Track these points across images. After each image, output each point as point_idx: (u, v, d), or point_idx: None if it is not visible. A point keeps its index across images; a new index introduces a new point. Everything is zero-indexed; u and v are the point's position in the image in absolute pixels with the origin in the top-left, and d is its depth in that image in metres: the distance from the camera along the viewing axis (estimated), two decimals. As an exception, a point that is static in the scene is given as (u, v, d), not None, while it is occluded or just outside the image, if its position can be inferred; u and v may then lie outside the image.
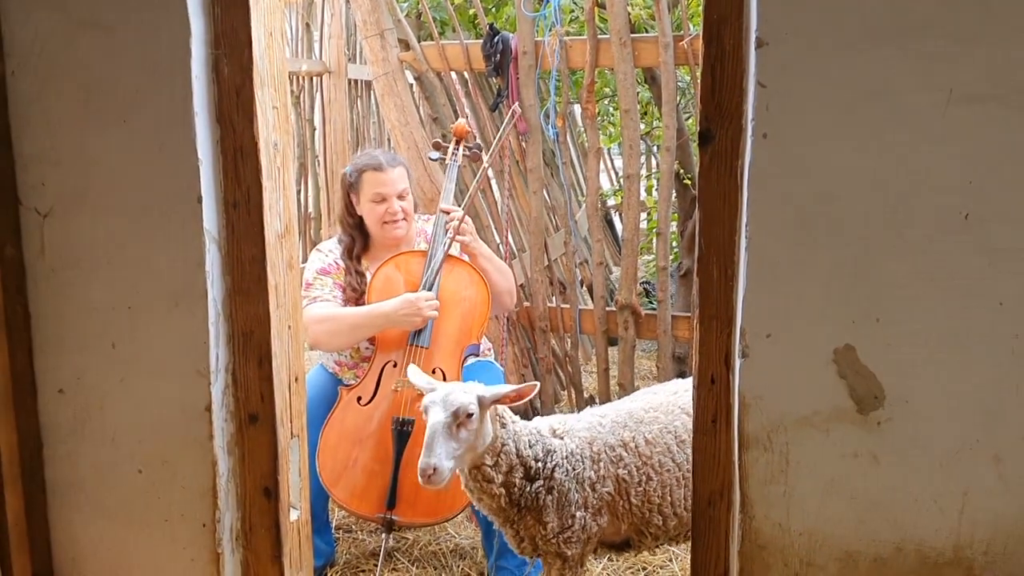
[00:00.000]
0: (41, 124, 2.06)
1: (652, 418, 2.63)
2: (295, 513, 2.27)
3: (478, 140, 3.84)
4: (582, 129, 5.70)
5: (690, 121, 4.90)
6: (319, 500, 3.02)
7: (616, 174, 7.28)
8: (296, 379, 2.25)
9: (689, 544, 3.06)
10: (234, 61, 2.02)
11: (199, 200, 2.01)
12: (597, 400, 4.14)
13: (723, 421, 1.94)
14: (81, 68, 2.02)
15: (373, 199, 3.16)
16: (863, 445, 1.83)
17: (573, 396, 4.18)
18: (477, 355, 3.22)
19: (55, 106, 2.05)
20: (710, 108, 1.85)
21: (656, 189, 4.33)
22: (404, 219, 3.20)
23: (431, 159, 3.50)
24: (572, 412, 4.22)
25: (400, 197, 3.19)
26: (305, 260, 5.25)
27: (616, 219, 6.77)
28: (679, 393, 2.75)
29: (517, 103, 3.78)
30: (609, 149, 7.30)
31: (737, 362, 1.87)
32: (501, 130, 3.46)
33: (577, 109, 5.17)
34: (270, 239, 2.10)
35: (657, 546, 2.74)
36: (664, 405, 2.69)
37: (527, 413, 4.19)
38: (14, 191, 2.08)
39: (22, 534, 2.10)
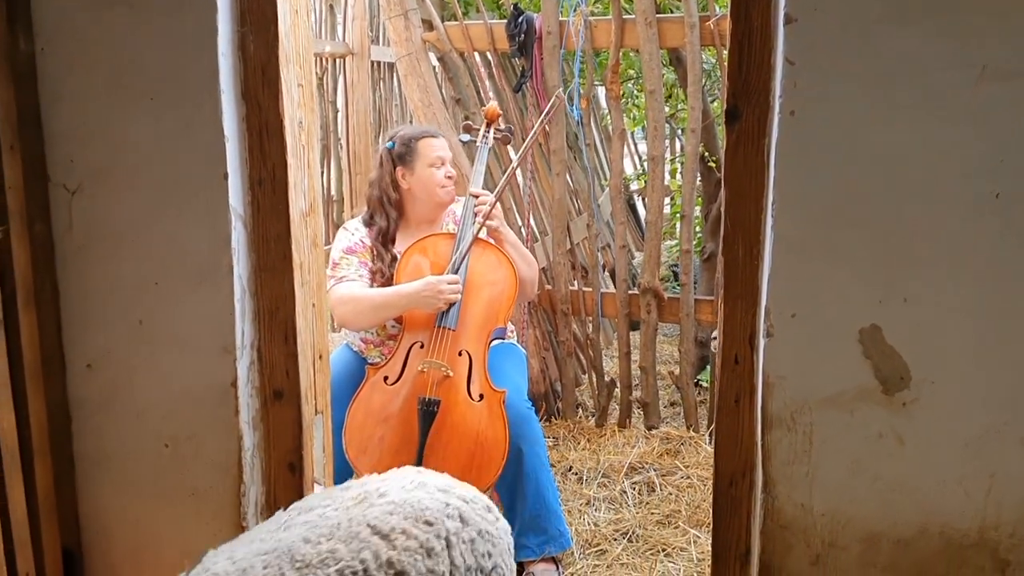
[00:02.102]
0: (70, 101, 2.07)
1: (323, 555, 1.60)
2: (319, 488, 2.29)
3: (508, 123, 3.83)
4: (606, 111, 5.68)
5: (715, 104, 4.87)
6: (343, 478, 3.03)
7: (639, 158, 7.24)
8: (320, 356, 2.27)
9: (708, 527, 3.08)
10: (260, 38, 2.03)
11: (225, 177, 2.03)
12: (618, 385, 4.14)
13: (746, 401, 1.94)
14: (108, 45, 2.03)
15: (433, 163, 3.20)
16: (888, 426, 1.82)
17: (594, 380, 4.18)
18: (503, 338, 3.22)
19: (83, 83, 2.06)
20: (737, 85, 1.84)
21: (680, 173, 4.31)
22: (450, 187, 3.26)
23: (461, 141, 3.50)
24: (593, 398, 4.24)
25: (450, 164, 3.27)
26: (328, 242, 5.26)
27: (639, 204, 6.74)
28: (368, 500, 1.77)
29: (560, 90, 3.78)
30: (632, 133, 7.27)
31: (761, 342, 1.86)
32: (540, 119, 3.45)
33: (601, 91, 5.16)
34: (295, 217, 2.11)
35: None
36: (343, 528, 1.66)
37: (548, 395, 4.20)
38: (43, 168, 2.10)
39: (51, 506, 2.13)
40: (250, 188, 2.09)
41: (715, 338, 4.00)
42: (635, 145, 7.39)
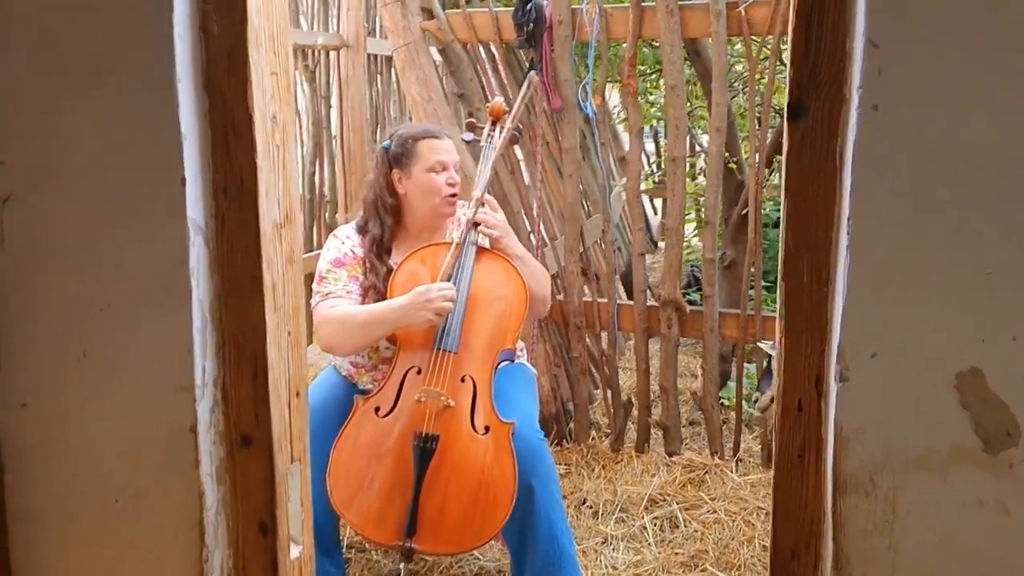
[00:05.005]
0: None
1: None
2: (296, 549, 1.96)
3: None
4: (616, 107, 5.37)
5: (735, 99, 4.54)
6: (329, 519, 2.71)
7: (648, 158, 6.93)
8: (297, 394, 1.93)
9: (739, 570, 2.75)
10: (225, 17, 1.69)
11: (182, 183, 1.69)
12: (635, 405, 3.80)
13: (812, 458, 1.60)
14: (46, 26, 1.70)
15: (432, 168, 2.84)
16: (990, 492, 1.48)
17: (610, 398, 3.84)
18: (512, 360, 2.87)
19: (16, 71, 1.73)
20: (803, 74, 1.50)
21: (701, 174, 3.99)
22: (456, 195, 2.91)
23: (464, 141, 3.16)
24: (608, 417, 3.90)
25: (456, 169, 2.91)
26: (320, 245, 4.95)
27: (647, 206, 6.43)
28: None
29: (533, 72, 3.43)
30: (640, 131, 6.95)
31: (833, 387, 1.52)
32: (519, 99, 3.09)
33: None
34: (266, 230, 1.77)
35: None
36: None
37: (559, 417, 3.86)
38: (-33, 172, 1.76)
39: (-27, 576, 1.80)
40: (213, 196, 1.76)
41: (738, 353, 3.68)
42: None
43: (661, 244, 7.22)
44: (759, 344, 3.11)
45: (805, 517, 1.62)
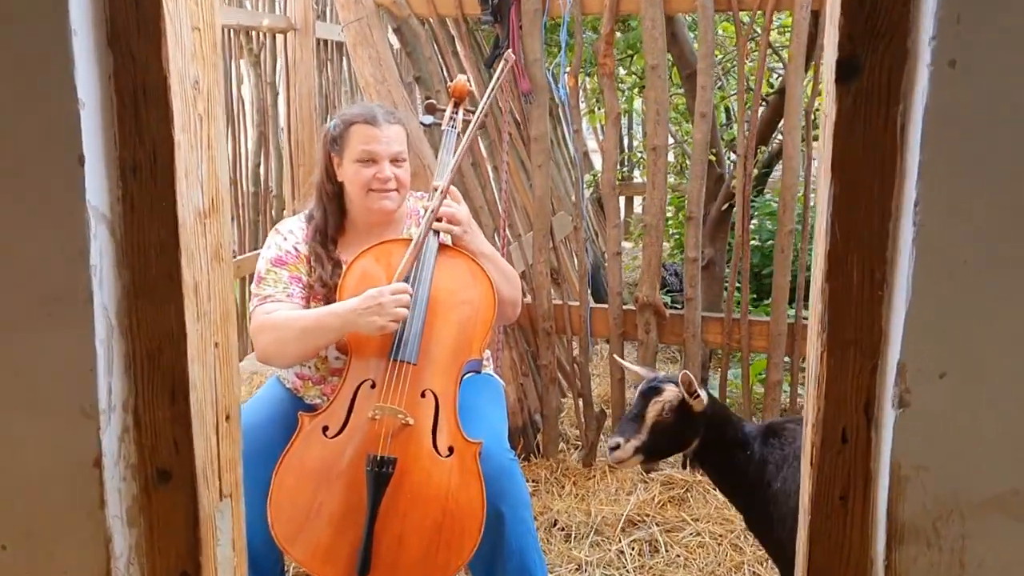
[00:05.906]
0: None
1: None
2: (228, 603, 1.64)
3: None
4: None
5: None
6: (271, 552, 2.39)
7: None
8: (227, 418, 1.61)
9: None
10: (132, -45, 1.38)
11: (80, 161, 1.39)
12: (609, 414, 3.51)
13: (859, 499, 1.31)
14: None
15: (360, 158, 2.51)
16: (1083, 542, 1.21)
17: (581, 408, 3.54)
18: (478, 371, 2.56)
19: None
20: (856, 22, 1.21)
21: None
22: (396, 190, 2.56)
23: (424, 124, 2.82)
24: (579, 429, 3.61)
25: (395, 162, 2.55)
26: (254, 248, 4.62)
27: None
28: None
29: (510, 50, 3.10)
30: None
31: (889, 413, 1.24)
32: (493, 81, 2.75)
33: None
34: (186, 218, 1.46)
35: None
36: None
37: (526, 429, 3.56)
38: None
39: None
40: (119, 177, 1.45)
41: (718, 355, 3.41)
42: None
43: (624, 245, 6.98)
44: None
45: (848, 572, 1.33)
